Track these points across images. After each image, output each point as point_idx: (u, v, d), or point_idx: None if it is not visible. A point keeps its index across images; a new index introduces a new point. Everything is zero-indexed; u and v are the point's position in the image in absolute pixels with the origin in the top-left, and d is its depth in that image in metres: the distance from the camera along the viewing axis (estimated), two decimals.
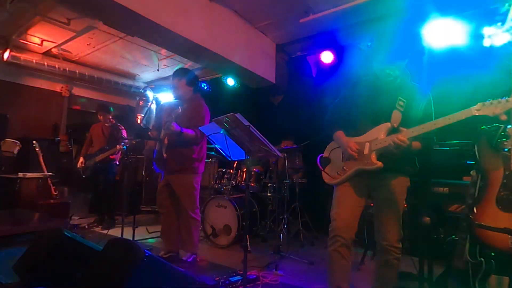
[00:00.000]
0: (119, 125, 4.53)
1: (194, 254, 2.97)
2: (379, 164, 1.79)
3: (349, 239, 1.86)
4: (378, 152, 1.82)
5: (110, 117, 4.52)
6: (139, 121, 6.09)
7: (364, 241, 3.16)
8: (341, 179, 1.95)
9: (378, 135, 1.83)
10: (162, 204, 3.02)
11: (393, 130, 1.80)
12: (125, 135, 4.39)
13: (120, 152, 4.38)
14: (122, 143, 4.01)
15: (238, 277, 2.44)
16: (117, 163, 4.52)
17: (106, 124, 4.49)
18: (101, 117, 4.48)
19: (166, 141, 2.87)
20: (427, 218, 2.28)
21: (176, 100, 3.07)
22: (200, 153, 2.96)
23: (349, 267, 1.89)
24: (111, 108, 4.60)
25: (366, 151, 1.85)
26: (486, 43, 3.03)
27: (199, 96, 3.05)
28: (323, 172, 2.09)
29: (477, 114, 1.56)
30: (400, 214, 1.88)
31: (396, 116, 1.81)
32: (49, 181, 4.05)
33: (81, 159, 4.45)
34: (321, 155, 2.17)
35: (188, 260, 2.89)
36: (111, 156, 4.32)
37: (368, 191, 1.96)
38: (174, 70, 3.05)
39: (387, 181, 1.87)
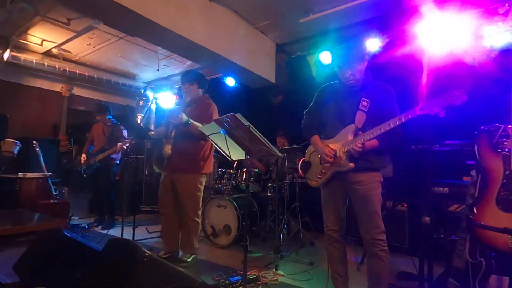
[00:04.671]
0: (119, 125, 4.53)
1: (194, 254, 2.96)
2: (351, 165, 1.94)
3: (339, 235, 2.12)
4: (348, 154, 1.96)
5: (110, 118, 4.52)
6: (139, 121, 6.09)
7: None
8: (322, 181, 2.11)
9: (347, 137, 1.99)
10: (165, 204, 2.97)
11: (359, 130, 1.95)
12: (126, 135, 4.39)
13: (120, 151, 4.38)
14: (124, 141, 4.01)
15: (238, 277, 2.43)
16: (118, 162, 4.52)
17: (107, 124, 4.49)
18: (99, 117, 4.48)
19: (173, 134, 2.89)
20: (427, 218, 2.28)
21: (178, 106, 3.09)
22: (206, 152, 2.93)
23: (344, 256, 2.17)
24: (110, 108, 4.59)
25: (338, 153, 1.99)
26: (486, 43, 3.03)
27: (208, 96, 3.11)
28: (305, 177, 2.26)
29: (420, 113, 1.74)
30: (377, 208, 1.95)
31: (360, 116, 1.97)
32: (49, 181, 4.05)
33: (84, 155, 4.44)
34: (303, 159, 2.27)
35: (188, 260, 2.88)
36: (111, 156, 4.32)
37: (346, 189, 2.06)
38: (183, 73, 3.10)
39: (359, 178, 1.97)
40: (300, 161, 2.34)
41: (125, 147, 4.04)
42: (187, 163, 2.83)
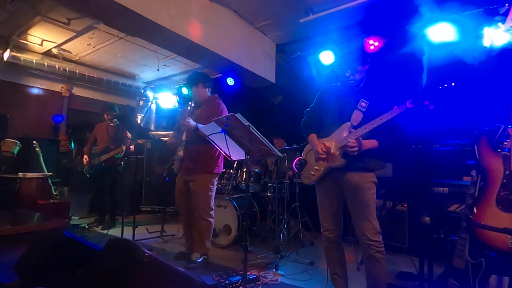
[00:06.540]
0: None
1: (205, 255, 2.95)
2: (343, 161, 1.96)
3: (335, 235, 2.11)
4: (342, 150, 1.97)
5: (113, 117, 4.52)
6: (139, 121, 6.09)
7: None
8: (315, 178, 2.11)
9: (342, 134, 2.00)
10: (181, 204, 3.04)
11: (354, 128, 1.97)
12: (129, 135, 4.38)
13: (123, 152, 4.38)
14: (128, 143, 4.00)
15: (238, 277, 2.43)
16: (122, 162, 4.53)
17: (111, 124, 4.49)
18: (109, 116, 4.47)
19: (184, 137, 2.92)
20: (427, 218, 2.28)
21: (182, 106, 3.10)
22: (216, 153, 2.94)
23: (342, 257, 2.16)
24: (116, 108, 4.59)
25: (332, 150, 2.00)
26: (486, 43, 3.03)
27: (217, 96, 3.12)
28: (300, 175, 2.28)
29: (410, 107, 1.80)
30: (371, 208, 1.95)
31: (356, 115, 1.99)
32: (49, 181, 4.05)
33: (86, 157, 4.44)
34: (299, 158, 2.29)
35: (198, 260, 2.88)
36: (116, 156, 4.31)
37: (341, 189, 2.06)
38: (187, 77, 3.09)
39: (352, 177, 1.98)
40: (296, 159, 2.34)
41: (131, 147, 4.04)
42: (199, 164, 2.89)
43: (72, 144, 5.52)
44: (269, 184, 3.93)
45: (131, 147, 4.13)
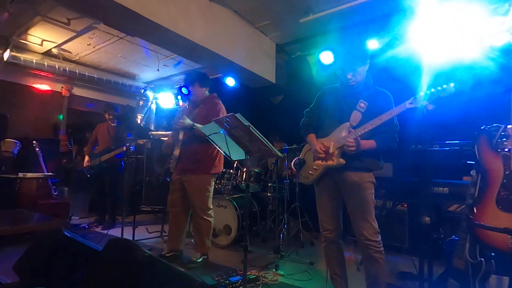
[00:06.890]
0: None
1: (205, 255, 2.94)
2: (342, 160, 1.95)
3: (335, 235, 2.10)
4: (340, 150, 1.97)
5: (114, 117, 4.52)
6: (139, 121, 6.10)
7: None
8: (313, 178, 2.12)
9: (341, 134, 2.00)
10: (173, 203, 2.97)
11: (354, 129, 1.98)
12: (130, 136, 4.39)
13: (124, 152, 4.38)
14: (128, 144, 4.01)
15: (238, 277, 2.43)
16: (122, 163, 4.53)
17: (112, 124, 4.49)
18: (110, 116, 4.47)
19: (181, 137, 2.89)
20: (427, 218, 2.28)
21: (179, 108, 3.08)
22: (214, 153, 2.90)
23: (341, 256, 2.15)
24: (117, 108, 4.59)
25: (331, 150, 2.01)
26: (486, 43, 3.03)
27: (216, 96, 3.08)
28: (299, 174, 2.30)
29: (409, 107, 1.81)
30: (369, 208, 1.94)
31: (356, 115, 2.00)
32: (49, 181, 4.06)
33: (87, 158, 4.43)
34: (297, 157, 2.31)
35: (198, 260, 2.87)
36: (117, 156, 4.31)
37: (340, 189, 2.06)
38: (185, 77, 3.06)
39: (350, 177, 1.98)
40: (294, 159, 2.35)
41: (132, 148, 4.05)
42: (195, 164, 2.85)
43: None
44: (269, 184, 3.93)
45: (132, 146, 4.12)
